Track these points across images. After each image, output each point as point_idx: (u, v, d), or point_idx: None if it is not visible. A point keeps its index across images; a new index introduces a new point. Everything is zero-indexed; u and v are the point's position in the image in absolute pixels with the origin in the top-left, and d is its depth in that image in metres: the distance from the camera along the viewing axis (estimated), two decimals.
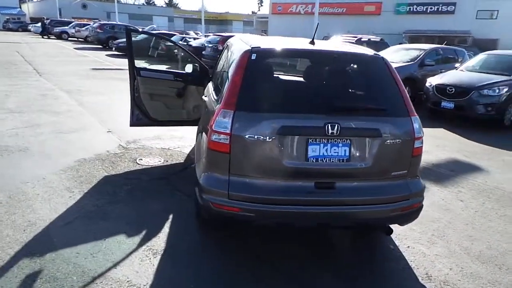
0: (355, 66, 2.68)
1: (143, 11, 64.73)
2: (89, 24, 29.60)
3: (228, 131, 2.37)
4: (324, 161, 2.39)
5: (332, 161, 2.40)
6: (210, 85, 3.77)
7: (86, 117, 6.58)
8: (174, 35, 20.25)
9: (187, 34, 25.54)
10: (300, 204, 2.39)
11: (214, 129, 2.42)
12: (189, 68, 4.78)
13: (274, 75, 2.68)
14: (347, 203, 2.42)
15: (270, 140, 2.35)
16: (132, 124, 4.70)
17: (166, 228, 3.12)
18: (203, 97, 3.40)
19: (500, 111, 7.25)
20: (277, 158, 2.38)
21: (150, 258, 2.71)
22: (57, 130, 5.67)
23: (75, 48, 22.39)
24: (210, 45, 13.49)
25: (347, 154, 2.41)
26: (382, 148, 2.43)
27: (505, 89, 7.24)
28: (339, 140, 2.38)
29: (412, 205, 2.54)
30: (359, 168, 2.44)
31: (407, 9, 30.27)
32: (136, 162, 4.54)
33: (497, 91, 7.23)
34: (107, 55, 18.88)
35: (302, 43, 2.86)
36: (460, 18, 28.29)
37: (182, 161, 4.67)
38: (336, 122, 2.33)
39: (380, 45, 12.47)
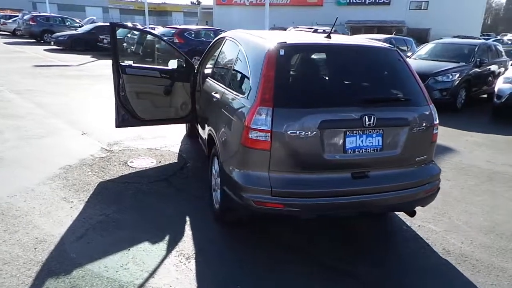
0: (376, 59, 2.79)
1: (74, 1, 60.19)
2: (16, 16, 26.86)
3: (268, 128, 2.36)
4: (360, 151, 2.49)
5: (368, 151, 2.50)
6: (210, 81, 3.68)
7: (52, 120, 6.05)
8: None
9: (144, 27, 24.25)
10: (341, 195, 2.46)
11: (252, 127, 2.39)
12: (173, 64, 4.62)
13: (304, 70, 2.70)
14: (382, 190, 2.55)
15: (312, 135, 2.38)
16: (118, 125, 4.44)
17: (187, 231, 3.02)
18: (213, 93, 3.31)
19: (453, 95, 7.94)
20: (318, 152, 2.42)
21: (185, 264, 2.62)
22: (25, 136, 5.16)
23: (5, 43, 20.26)
24: (165, 38, 12.98)
25: (380, 143, 2.52)
26: (409, 136, 2.59)
27: (457, 75, 7.94)
28: (373, 130, 2.48)
29: (433, 187, 2.73)
30: (390, 156, 2.57)
31: (348, 1, 31.74)
32: (128, 165, 4.31)
33: (450, 77, 7.91)
34: (45, 50, 17.35)
35: (319, 38, 2.91)
36: (395, 9, 30.29)
37: (175, 161, 4.52)
38: (371, 113, 2.43)
39: None
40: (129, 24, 15.24)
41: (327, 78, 2.65)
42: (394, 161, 2.60)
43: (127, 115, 4.43)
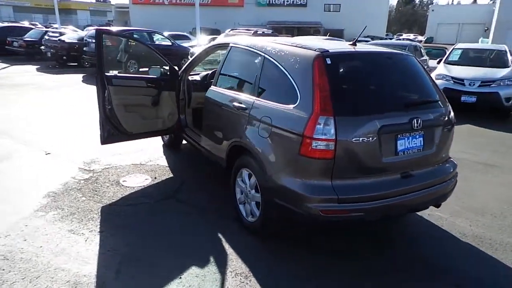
0: (405, 64, 2.98)
1: None
2: None
3: (332, 137, 2.38)
4: (408, 153, 2.65)
5: (413, 152, 2.68)
6: (220, 90, 3.53)
7: (1, 139, 5.20)
8: (31, 28, 17.07)
9: (50, 27, 21.71)
10: (396, 195, 2.60)
11: (315, 137, 2.39)
12: (155, 72, 4.33)
13: (351, 78, 2.75)
14: (424, 187, 2.74)
15: (372, 140, 2.47)
16: (104, 141, 4.02)
17: (227, 249, 2.89)
18: (236, 103, 3.18)
19: None
20: (377, 157, 2.52)
21: (246, 283, 2.51)
22: None
23: None
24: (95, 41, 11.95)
25: (422, 144, 2.72)
26: (441, 135, 2.83)
27: None
28: (417, 132, 2.66)
29: (455, 181, 3.03)
30: (428, 155, 2.78)
31: (267, 2, 32.71)
32: (122, 185, 3.92)
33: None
34: None
35: (345, 45, 3.00)
36: (312, 10, 32.14)
37: (171, 176, 4.24)
38: (417, 116, 2.61)
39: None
40: (113, 29, 13.68)
41: (372, 84, 2.76)
42: (430, 159, 2.82)
43: (113, 130, 4.04)
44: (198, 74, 4.90)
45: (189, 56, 11.17)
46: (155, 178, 4.14)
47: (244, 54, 3.46)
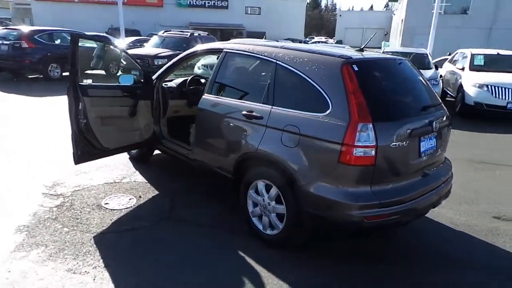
0: (410, 69, 3.11)
1: None
2: None
3: (373, 144, 2.39)
4: (427, 154, 2.79)
5: (430, 153, 2.83)
6: (224, 99, 3.29)
7: None
8: None
9: None
10: (423, 194, 2.72)
11: (356, 144, 2.37)
12: (127, 80, 3.92)
13: (376, 84, 2.76)
14: (439, 185, 2.92)
15: (406, 144, 2.54)
16: (78, 161, 3.50)
17: (257, 267, 2.71)
18: (244, 112, 3.00)
19: None
20: (408, 159, 2.61)
21: None
22: None
23: None
24: (7, 43, 10.39)
25: (435, 144, 2.89)
26: (446, 136, 3.05)
27: None
28: (433, 133, 2.82)
29: (452, 178, 3.29)
30: (438, 155, 2.97)
31: (188, 3, 31.98)
32: (106, 208, 3.45)
33: None
34: None
35: (352, 51, 3.03)
36: (233, 13, 32.36)
37: (157, 193, 3.86)
38: (435, 118, 2.76)
39: (207, 39, 13.03)
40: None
41: (395, 89, 2.82)
42: (439, 159, 3.02)
43: (88, 147, 3.54)
44: (171, 80, 4.56)
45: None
46: (140, 197, 3.73)
47: (246, 60, 3.30)
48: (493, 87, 8.01)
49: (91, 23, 27.21)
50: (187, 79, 4.39)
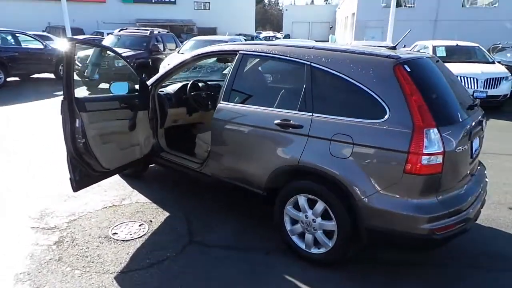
0: (444, 67, 2.99)
1: None
2: None
3: (440, 150, 2.23)
4: (475, 154, 2.71)
5: (477, 154, 2.75)
6: (247, 107, 2.95)
7: None
8: None
9: None
10: (477, 197, 2.62)
11: (425, 152, 2.20)
12: (120, 89, 3.44)
13: (428, 84, 2.57)
14: (484, 185, 2.86)
15: (467, 147, 2.42)
16: (77, 187, 3.02)
17: None
18: (277, 121, 2.71)
19: None
20: (467, 162, 2.50)
21: None
22: None
23: None
24: None
25: (478, 144, 2.81)
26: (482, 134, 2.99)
27: None
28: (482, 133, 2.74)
29: None
30: (478, 153, 2.90)
31: None
32: (116, 240, 2.98)
33: None
34: None
35: (384, 49, 2.85)
36: (182, 8, 31.28)
37: (167, 214, 3.43)
38: (481, 117, 2.68)
39: (168, 37, 12.35)
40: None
41: (444, 90, 2.67)
42: (477, 158, 2.96)
43: (87, 170, 3.05)
44: (165, 86, 4.10)
45: None
46: (151, 221, 3.29)
47: (269, 63, 3.00)
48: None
49: (25, 21, 24.83)
50: (187, 84, 3.97)
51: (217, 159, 3.20)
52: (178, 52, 10.50)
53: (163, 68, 9.52)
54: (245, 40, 12.95)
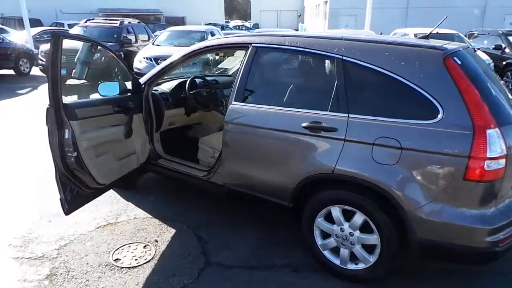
0: (480, 58, 2.74)
1: None
2: None
3: (504, 153, 1.99)
4: None
5: None
6: (268, 108, 2.57)
7: None
8: None
9: None
10: None
11: (489, 156, 1.94)
12: (110, 89, 2.98)
13: (479, 79, 2.29)
14: None
15: None
16: (69, 209, 2.58)
17: None
18: (305, 124, 2.37)
19: None
20: None
21: None
22: None
23: None
24: None
25: None
26: None
27: None
28: None
29: None
30: None
31: None
32: (121, 268, 2.56)
33: None
34: None
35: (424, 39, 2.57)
36: None
37: (173, 230, 3.03)
38: None
39: (139, 28, 11.59)
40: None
41: (491, 84, 2.40)
42: None
43: (80, 188, 2.60)
44: (159, 85, 3.63)
45: None
46: (156, 241, 2.88)
47: (289, 56, 2.66)
48: None
49: None
50: (184, 82, 3.53)
51: (231, 167, 2.82)
52: (152, 44, 9.86)
53: (138, 62, 8.96)
54: (220, 30, 12.37)
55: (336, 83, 2.36)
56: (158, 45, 9.70)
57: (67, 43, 2.34)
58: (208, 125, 3.99)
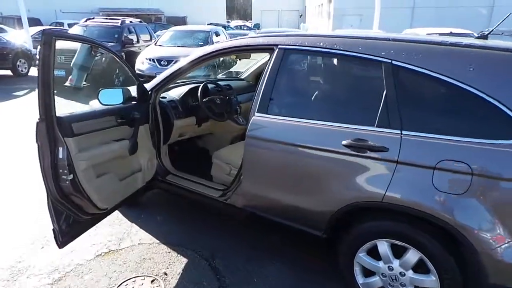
0: None
1: None
2: None
3: None
4: None
5: None
6: (298, 121, 2.15)
7: None
8: None
9: None
10: None
11: None
12: (113, 96, 2.56)
13: None
14: None
15: None
16: (63, 240, 2.18)
17: None
18: (346, 142, 1.97)
19: None
20: None
21: None
22: None
23: None
24: None
25: None
26: None
27: None
28: None
29: None
30: None
31: None
32: None
33: None
34: None
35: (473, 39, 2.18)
36: None
37: (184, 259, 2.63)
38: None
39: (141, 27, 11.18)
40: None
41: None
42: None
43: (77, 215, 2.20)
44: (166, 91, 3.23)
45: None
46: (166, 274, 2.48)
47: (323, 60, 2.25)
48: None
49: None
50: (197, 88, 3.13)
51: (253, 188, 2.42)
52: (155, 45, 9.46)
53: (141, 63, 8.55)
54: (222, 30, 11.93)
55: (385, 92, 1.96)
56: (161, 45, 9.30)
57: (65, 43, 1.97)
58: (220, 135, 3.59)
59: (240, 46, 2.58)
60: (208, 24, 25.59)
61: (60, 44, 1.93)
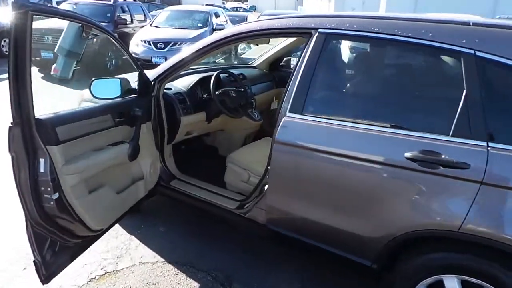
0: None
1: None
2: None
3: None
4: None
5: None
6: (374, 130, 1.69)
7: None
8: None
9: None
10: None
11: None
12: (109, 88, 2.07)
13: None
14: None
15: None
16: (49, 275, 1.73)
17: None
18: (410, 154, 1.54)
19: None
20: None
21: None
22: None
23: None
24: None
25: None
26: None
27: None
28: None
29: None
30: None
31: None
32: None
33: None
34: None
35: None
36: None
37: (195, 284, 2.21)
38: None
39: (135, 6, 10.49)
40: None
41: None
42: None
43: (64, 240, 1.75)
44: (171, 81, 2.74)
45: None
46: None
47: (384, 50, 1.79)
48: None
49: None
50: (207, 78, 2.65)
51: (280, 203, 1.99)
52: (151, 26, 8.83)
53: (135, 45, 7.93)
54: (222, 12, 11.23)
55: (464, 92, 1.52)
56: (157, 26, 8.67)
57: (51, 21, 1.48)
58: (232, 132, 3.13)
59: (271, 28, 2.07)
60: (206, 5, 24.71)
61: (46, 23, 1.44)
